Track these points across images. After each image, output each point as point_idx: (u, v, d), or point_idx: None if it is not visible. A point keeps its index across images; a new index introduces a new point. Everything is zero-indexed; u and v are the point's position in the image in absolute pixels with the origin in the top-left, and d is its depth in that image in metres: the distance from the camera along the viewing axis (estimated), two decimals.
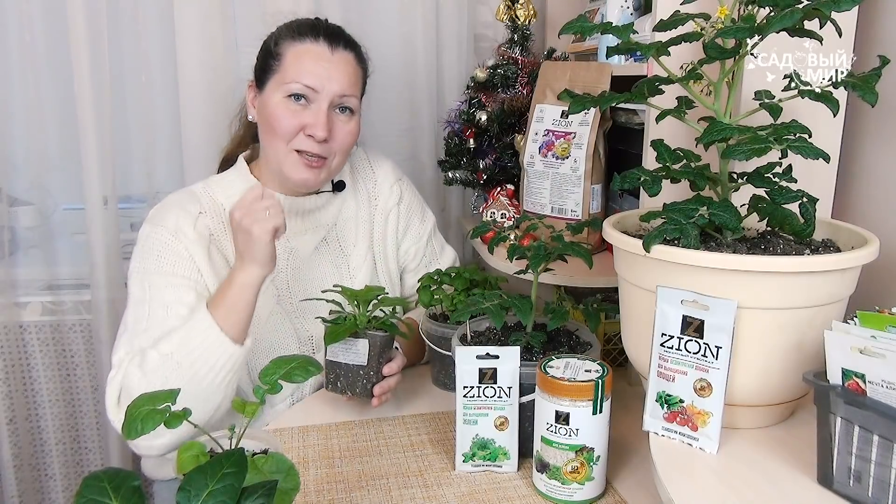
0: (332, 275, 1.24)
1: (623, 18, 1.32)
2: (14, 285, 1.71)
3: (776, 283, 0.70)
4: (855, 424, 0.61)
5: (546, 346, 0.99)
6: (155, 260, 1.09)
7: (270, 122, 1.12)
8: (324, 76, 1.11)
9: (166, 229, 1.10)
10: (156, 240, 1.10)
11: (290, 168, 1.14)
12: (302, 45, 1.13)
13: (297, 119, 1.11)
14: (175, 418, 0.62)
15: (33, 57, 1.62)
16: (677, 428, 0.75)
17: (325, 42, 1.13)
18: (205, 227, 1.13)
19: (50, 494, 1.82)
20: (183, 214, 1.12)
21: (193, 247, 1.10)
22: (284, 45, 1.13)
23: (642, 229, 0.88)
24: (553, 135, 1.34)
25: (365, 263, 1.27)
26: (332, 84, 1.12)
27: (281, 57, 1.13)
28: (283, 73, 1.12)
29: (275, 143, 1.13)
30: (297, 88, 1.11)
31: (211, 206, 1.17)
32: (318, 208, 1.23)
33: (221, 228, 1.16)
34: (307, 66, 1.11)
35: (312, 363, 0.71)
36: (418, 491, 0.91)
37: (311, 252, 1.22)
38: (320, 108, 1.11)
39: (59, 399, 1.78)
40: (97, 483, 0.52)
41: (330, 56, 1.13)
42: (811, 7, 0.69)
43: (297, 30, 1.14)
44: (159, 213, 1.14)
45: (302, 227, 1.22)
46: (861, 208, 1.01)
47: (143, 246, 1.11)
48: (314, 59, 1.12)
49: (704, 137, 0.75)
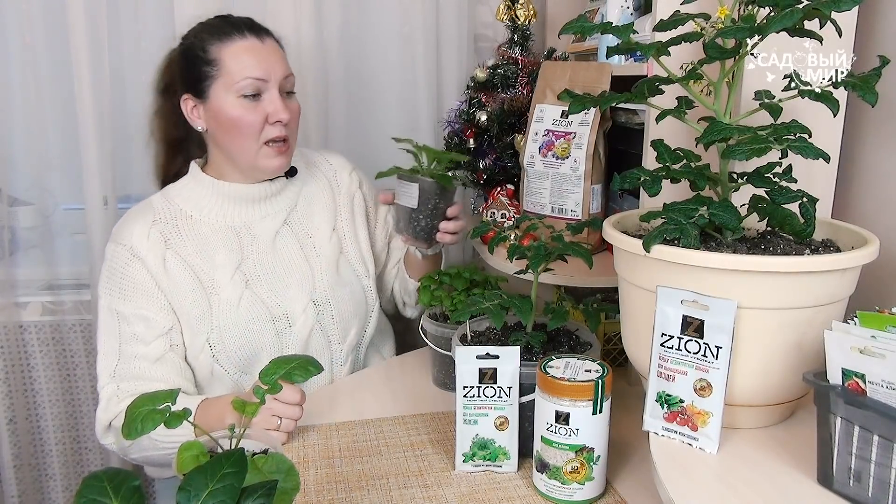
0: (298, 254, 1.27)
1: (623, 18, 1.32)
2: (14, 285, 1.71)
3: (776, 283, 0.70)
4: (855, 424, 0.61)
5: (546, 346, 0.99)
6: (119, 285, 1.16)
7: (233, 125, 1.16)
8: (266, 65, 1.16)
9: (125, 247, 1.17)
10: (117, 260, 1.17)
11: (263, 160, 1.19)
12: (234, 44, 1.16)
13: (257, 114, 1.16)
14: (175, 418, 0.62)
15: (33, 57, 1.62)
16: (677, 428, 0.75)
17: (252, 34, 1.18)
18: (158, 235, 1.18)
19: (50, 494, 1.82)
20: (137, 227, 1.18)
21: (149, 260, 1.16)
22: (215, 50, 1.16)
23: (642, 229, 0.88)
24: (553, 135, 1.34)
25: (330, 243, 1.31)
26: (276, 69, 1.17)
27: (217, 62, 1.16)
28: (228, 75, 1.15)
29: (243, 143, 1.18)
30: (249, 84, 1.15)
31: (166, 212, 1.21)
32: (274, 194, 1.27)
33: (176, 232, 1.20)
34: (248, 61, 1.15)
35: (312, 363, 0.71)
36: (418, 491, 0.91)
37: (272, 236, 1.26)
38: (274, 96, 1.17)
39: (59, 399, 1.78)
40: (97, 483, 0.52)
41: (262, 46, 1.18)
42: (811, 7, 0.69)
43: (220, 31, 1.17)
44: (118, 229, 1.21)
45: (261, 213, 1.26)
46: (861, 208, 1.01)
47: (108, 266, 1.18)
48: (251, 53, 1.16)
49: (704, 137, 0.75)
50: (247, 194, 1.23)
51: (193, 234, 1.21)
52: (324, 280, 1.27)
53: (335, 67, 1.74)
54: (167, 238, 1.18)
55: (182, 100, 1.20)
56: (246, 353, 1.19)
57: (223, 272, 1.19)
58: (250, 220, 1.24)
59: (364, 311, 1.33)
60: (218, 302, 1.18)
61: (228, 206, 1.23)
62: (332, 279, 1.28)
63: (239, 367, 1.20)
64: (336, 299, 1.27)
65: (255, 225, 1.25)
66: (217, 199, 1.23)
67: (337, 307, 1.27)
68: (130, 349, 1.14)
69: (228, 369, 1.19)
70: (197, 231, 1.21)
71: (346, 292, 1.29)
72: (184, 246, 1.19)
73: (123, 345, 1.14)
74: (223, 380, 1.20)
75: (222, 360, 1.18)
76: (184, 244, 1.19)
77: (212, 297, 1.18)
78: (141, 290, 1.15)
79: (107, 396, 1.13)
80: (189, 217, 1.21)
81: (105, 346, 1.16)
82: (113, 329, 1.15)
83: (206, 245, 1.20)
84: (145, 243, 1.16)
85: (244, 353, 1.19)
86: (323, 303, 1.26)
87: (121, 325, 1.15)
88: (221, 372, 1.19)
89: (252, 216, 1.25)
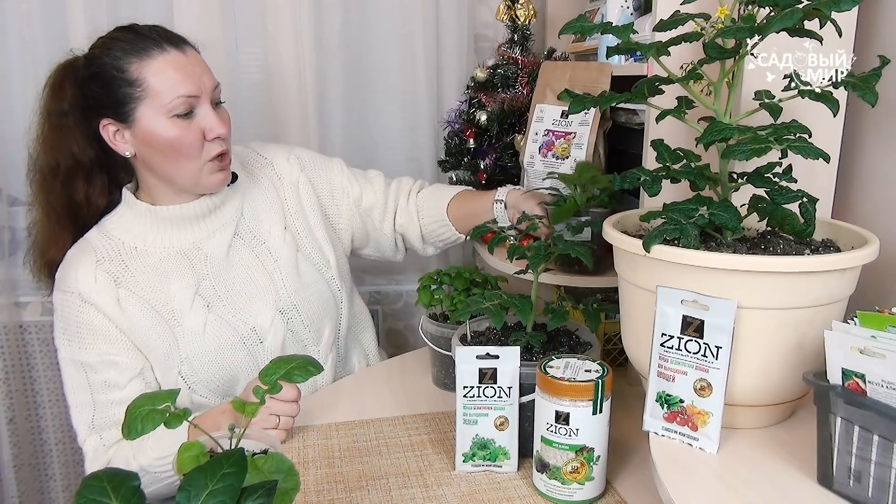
0: (255, 265, 1.20)
1: (623, 18, 1.32)
2: (14, 285, 1.72)
3: (776, 283, 0.70)
4: (855, 424, 0.61)
5: (546, 346, 0.99)
6: (76, 334, 1.10)
7: (171, 147, 1.08)
8: (195, 79, 1.08)
9: (73, 295, 1.10)
10: (68, 308, 1.11)
11: (207, 178, 1.12)
12: (154, 60, 1.06)
13: (193, 132, 1.08)
14: (175, 418, 0.62)
15: (33, 57, 1.62)
16: (677, 428, 0.75)
17: (171, 47, 1.08)
18: (105, 275, 1.11)
19: (50, 494, 1.82)
20: (81, 270, 1.11)
21: (101, 303, 1.10)
22: (135, 69, 1.06)
23: (642, 229, 0.88)
24: (553, 135, 1.34)
25: (285, 244, 1.24)
26: (204, 82, 1.09)
27: (140, 81, 1.06)
28: (155, 96, 1.06)
29: (184, 165, 1.10)
30: (181, 103, 1.06)
31: (107, 249, 1.14)
32: (217, 207, 1.19)
33: (123, 268, 1.13)
34: (176, 77, 1.06)
35: (312, 363, 0.71)
36: (418, 491, 0.91)
37: (226, 250, 1.19)
38: (207, 110, 1.09)
39: (59, 399, 1.78)
40: (97, 483, 0.52)
41: (185, 58, 1.09)
42: (811, 7, 0.69)
43: (136, 47, 1.07)
44: (62, 276, 1.13)
45: (207, 230, 1.18)
46: (861, 208, 1.01)
47: (61, 316, 1.12)
48: (177, 68, 1.07)
49: (704, 137, 0.75)
50: (189, 214, 1.16)
51: (142, 266, 1.13)
52: (286, 286, 1.21)
53: (335, 67, 1.74)
54: (116, 277, 1.11)
55: (101, 125, 1.09)
56: (222, 379, 1.15)
57: (181, 300, 1.13)
58: (198, 239, 1.17)
59: (333, 307, 1.28)
60: (182, 333, 1.12)
61: (171, 230, 1.16)
62: (295, 283, 1.22)
63: (218, 393, 1.16)
64: (302, 303, 1.22)
65: (204, 244, 1.17)
66: (158, 226, 1.15)
67: (305, 311, 1.22)
68: (105, 397, 1.10)
69: (208, 397, 1.16)
70: (145, 263, 1.14)
71: (312, 293, 1.24)
72: (135, 282, 1.12)
73: (96, 394, 1.10)
74: (205, 408, 1.15)
75: (199, 389, 1.15)
76: (135, 280, 1.12)
77: (175, 329, 1.12)
78: (101, 336, 1.10)
79: (92, 449, 1.10)
80: (134, 249, 1.14)
81: (76, 399, 1.11)
82: (80, 381, 1.10)
83: (158, 276, 1.13)
84: (94, 286, 1.09)
85: (220, 380, 1.15)
86: (289, 310, 1.21)
87: (88, 375, 1.10)
88: (201, 401, 1.15)
89: (199, 235, 1.17)
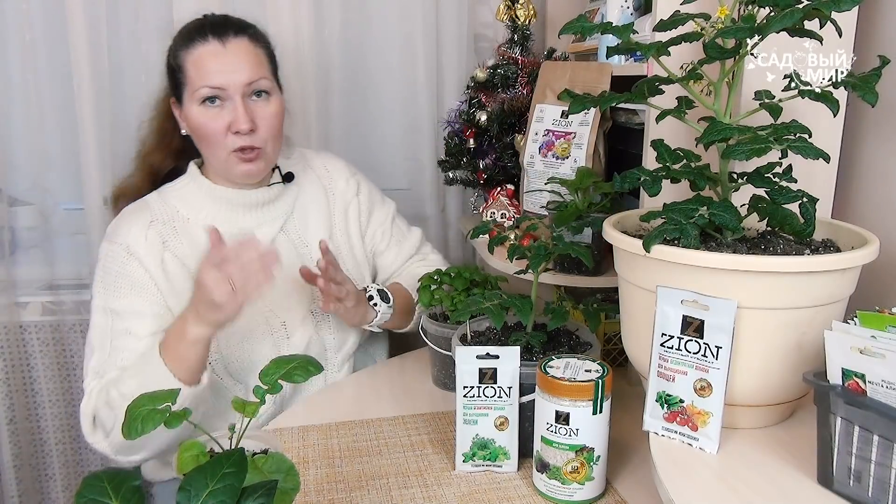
0: (296, 263, 1.22)
1: (623, 18, 1.32)
2: (14, 285, 1.71)
3: (776, 283, 0.70)
4: (855, 424, 0.61)
5: (546, 346, 0.99)
6: (113, 283, 1.14)
7: (200, 132, 1.15)
8: (226, 71, 1.12)
9: (120, 246, 1.15)
10: (112, 259, 1.15)
11: (231, 167, 1.17)
12: (195, 49, 1.13)
13: (219, 121, 1.13)
14: (175, 418, 0.62)
15: (33, 57, 1.62)
16: (677, 428, 0.75)
17: (214, 38, 1.13)
18: (156, 236, 1.16)
19: (50, 494, 1.82)
20: (135, 227, 1.16)
21: (147, 260, 1.14)
22: (181, 56, 1.15)
23: (642, 229, 0.88)
24: (553, 135, 1.34)
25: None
26: (236, 76, 1.12)
27: (183, 68, 1.15)
28: (191, 83, 1.14)
29: (212, 151, 1.16)
30: (207, 92, 1.12)
31: (163, 213, 1.19)
32: (270, 200, 1.24)
33: (173, 233, 1.18)
34: (206, 67, 1.12)
35: (312, 363, 0.71)
36: (418, 491, 0.91)
37: (269, 243, 1.23)
38: (235, 103, 1.13)
39: (59, 399, 1.78)
40: (97, 483, 0.52)
41: (223, 50, 1.13)
42: (811, 7, 0.69)
43: (187, 36, 1.15)
44: (114, 228, 1.18)
45: (257, 219, 1.23)
46: (861, 208, 1.01)
47: (102, 265, 1.16)
48: (210, 58, 1.13)
49: (704, 137, 0.75)
50: (243, 200, 1.21)
51: (190, 237, 1.18)
52: None
53: (335, 67, 1.74)
54: (165, 240, 1.16)
55: (171, 103, 1.21)
56: (241, 364, 1.18)
57: None
58: (246, 226, 1.22)
59: None
60: None
61: (225, 211, 1.21)
62: None
63: (232, 376, 1.19)
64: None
65: (251, 232, 1.21)
66: (213, 204, 1.21)
67: (335, 318, 1.25)
68: (120, 343, 1.11)
69: (223, 377, 1.18)
70: (193, 235, 1.19)
71: None
72: (181, 248, 1.17)
73: (114, 340, 1.11)
74: (218, 387, 1.17)
75: (217, 368, 1.17)
76: (181, 247, 1.17)
77: None
78: (138, 287, 1.13)
79: (89, 390, 1.10)
80: (186, 220, 1.20)
81: (95, 343, 1.13)
82: (105, 327, 1.12)
83: (203, 250, 1.15)
84: (143, 243, 1.14)
85: (239, 364, 1.18)
86: (321, 313, 1.25)
87: (114, 321, 1.12)
88: (215, 379, 1.17)
89: (248, 223, 1.22)
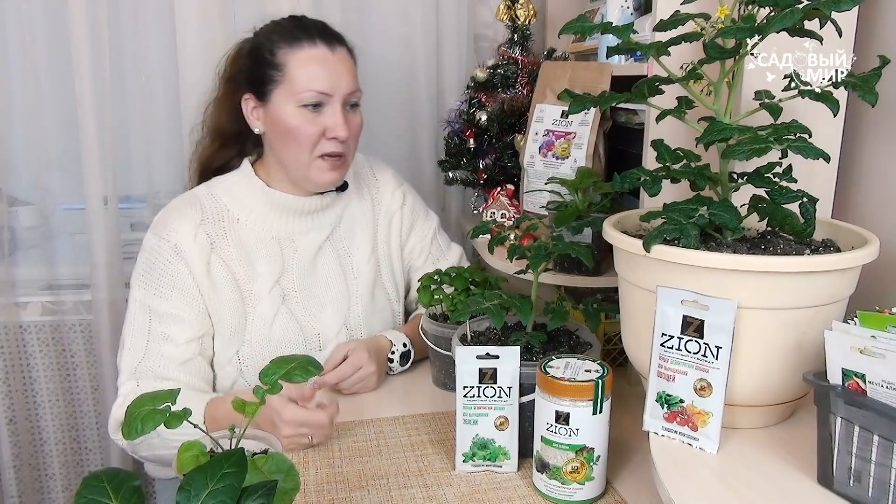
0: (337, 274, 1.24)
1: (623, 18, 1.32)
2: (14, 285, 1.72)
3: (776, 283, 0.70)
4: (855, 424, 0.61)
5: (546, 346, 0.99)
6: (157, 282, 1.12)
7: (290, 133, 1.12)
8: (333, 79, 1.12)
9: (168, 244, 1.12)
10: (159, 255, 1.12)
11: (316, 173, 1.15)
12: (301, 51, 1.11)
13: (316, 126, 1.12)
14: (175, 418, 0.62)
15: (33, 57, 1.62)
16: (677, 428, 0.75)
17: (323, 43, 1.13)
18: (205, 237, 1.14)
19: (50, 494, 1.82)
20: (185, 224, 1.13)
21: (193, 262, 1.12)
22: (282, 54, 1.12)
23: (642, 229, 0.88)
24: (553, 135, 1.34)
25: (369, 264, 1.27)
26: (341, 84, 1.12)
27: (283, 66, 1.11)
28: (292, 83, 1.11)
29: (297, 153, 1.14)
30: (312, 97, 1.11)
31: (214, 211, 1.17)
32: (322, 208, 1.23)
33: (222, 234, 1.16)
34: (315, 71, 1.11)
35: (312, 363, 0.71)
36: (418, 491, 0.91)
37: (315, 251, 1.22)
38: (336, 110, 1.12)
39: (59, 399, 1.78)
40: (97, 483, 0.52)
41: (332, 57, 1.13)
42: (811, 7, 0.69)
43: (291, 35, 1.13)
44: (162, 221, 1.15)
45: (306, 226, 1.22)
46: (861, 208, 1.01)
47: (147, 259, 1.13)
48: (319, 63, 1.12)
49: (704, 137, 0.75)
50: (295, 206, 1.19)
51: (238, 239, 1.17)
52: (359, 305, 1.25)
53: None
54: (213, 241, 1.15)
55: (243, 98, 1.17)
56: None
57: (262, 284, 1.16)
58: (294, 231, 1.21)
59: None
60: (254, 315, 1.15)
61: (275, 214, 1.19)
62: (368, 305, 1.26)
63: None
64: (368, 325, 1.26)
65: (298, 237, 1.21)
66: (265, 206, 1.19)
67: (368, 333, 1.26)
68: (158, 348, 1.10)
69: (253, 384, 1.16)
70: (241, 236, 1.17)
71: (378, 319, 1.28)
72: (228, 251, 1.15)
73: (152, 343, 1.10)
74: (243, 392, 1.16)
75: (249, 374, 1.16)
76: (228, 249, 1.16)
77: (248, 310, 1.15)
78: (180, 290, 1.11)
79: (124, 393, 1.08)
80: (236, 220, 1.18)
81: (131, 342, 1.11)
82: (143, 326, 1.11)
83: (249, 253, 1.17)
84: (192, 244, 1.12)
85: None
86: (355, 328, 1.25)
87: (152, 322, 1.11)
88: (244, 385, 1.16)
89: (296, 228, 1.21)
